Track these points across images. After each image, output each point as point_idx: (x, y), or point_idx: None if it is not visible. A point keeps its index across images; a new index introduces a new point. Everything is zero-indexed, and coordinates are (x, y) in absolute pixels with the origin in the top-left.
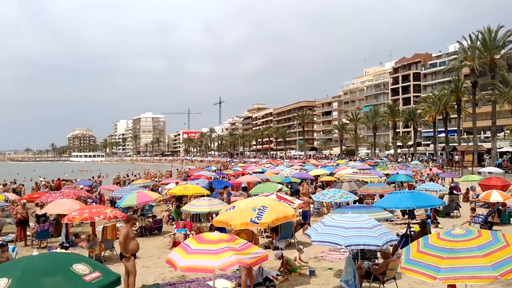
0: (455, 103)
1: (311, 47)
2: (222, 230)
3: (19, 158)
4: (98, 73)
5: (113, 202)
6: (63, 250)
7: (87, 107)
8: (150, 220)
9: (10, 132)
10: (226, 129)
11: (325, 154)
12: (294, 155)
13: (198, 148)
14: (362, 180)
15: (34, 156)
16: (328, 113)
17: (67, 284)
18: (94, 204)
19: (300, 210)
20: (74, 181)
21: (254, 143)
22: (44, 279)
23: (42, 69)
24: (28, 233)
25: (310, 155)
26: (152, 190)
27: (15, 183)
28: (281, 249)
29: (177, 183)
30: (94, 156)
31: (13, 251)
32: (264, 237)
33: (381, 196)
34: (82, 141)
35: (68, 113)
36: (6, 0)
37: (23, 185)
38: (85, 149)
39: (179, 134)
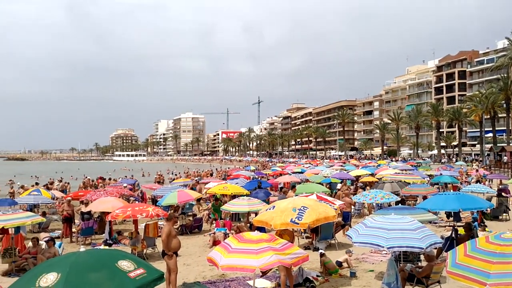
0: (503, 101)
1: (351, 46)
2: (261, 229)
3: (65, 157)
4: (140, 74)
5: (154, 201)
6: (107, 247)
7: (129, 108)
8: (191, 218)
9: (56, 132)
10: (265, 129)
11: (366, 154)
12: (334, 155)
13: (237, 148)
14: (404, 181)
15: (79, 155)
16: (369, 112)
17: (113, 280)
18: (136, 202)
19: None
20: (115, 180)
21: (293, 143)
22: (90, 275)
23: (87, 71)
24: (73, 230)
25: (350, 155)
26: (192, 189)
27: (61, 181)
28: (321, 250)
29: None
30: (136, 155)
31: (59, 247)
32: (304, 238)
33: (424, 197)
34: (124, 141)
35: (111, 114)
36: (53, 6)
37: (68, 183)
38: (127, 149)
39: (218, 134)
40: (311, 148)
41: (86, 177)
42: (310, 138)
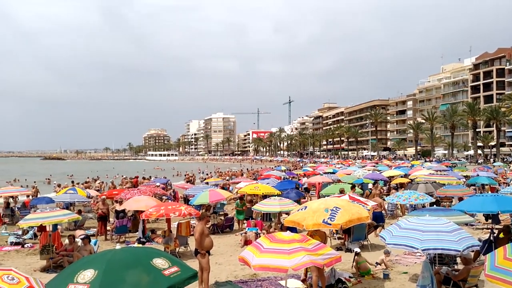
0: None
1: (384, 44)
2: (293, 230)
3: (99, 156)
4: (172, 75)
5: (186, 200)
6: (140, 245)
7: (161, 108)
8: (222, 218)
9: (91, 132)
10: (296, 128)
11: (399, 155)
12: (366, 155)
13: (267, 148)
14: (439, 182)
15: (113, 154)
16: (403, 112)
17: (148, 277)
18: (169, 201)
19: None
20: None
21: (325, 143)
22: (126, 272)
23: (121, 72)
24: (108, 228)
25: (383, 156)
26: (223, 188)
27: (95, 180)
28: (357, 249)
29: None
30: (168, 155)
31: (95, 245)
32: (336, 239)
33: (460, 199)
34: (157, 141)
35: (144, 114)
36: (88, 8)
37: (103, 182)
38: (160, 148)
39: (248, 134)
40: (343, 148)
41: (123, 177)
42: (342, 138)
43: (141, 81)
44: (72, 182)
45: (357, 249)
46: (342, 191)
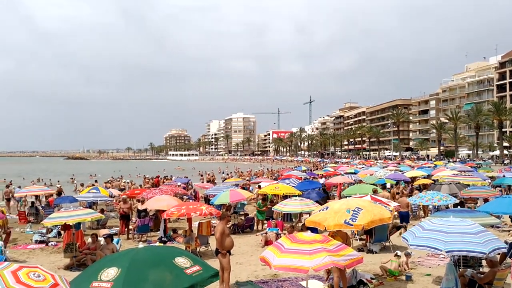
0: None
1: (406, 43)
2: (314, 230)
3: (121, 156)
4: (193, 75)
5: (206, 200)
6: (162, 244)
7: (182, 108)
8: (242, 218)
9: (113, 132)
10: (317, 128)
11: (422, 155)
12: (388, 155)
13: (288, 148)
14: (463, 183)
15: (134, 154)
16: (425, 111)
17: (170, 276)
18: (189, 201)
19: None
20: (170, 178)
21: (346, 143)
22: (149, 270)
23: (142, 73)
24: (130, 227)
25: (405, 156)
26: (243, 188)
27: (118, 180)
28: (376, 252)
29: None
30: (189, 155)
31: (117, 243)
32: (357, 240)
33: (485, 200)
34: (178, 141)
35: (165, 114)
36: (110, 10)
37: (125, 182)
38: (181, 148)
39: (269, 134)
40: (364, 149)
41: (146, 176)
42: (363, 138)
43: (162, 82)
44: (96, 181)
45: (399, 252)
46: (375, 191)
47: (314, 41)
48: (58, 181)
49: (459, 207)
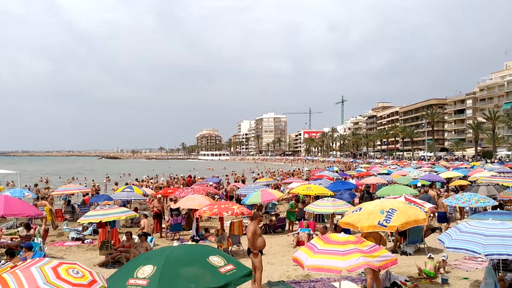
0: None
1: (441, 41)
2: (346, 231)
3: (154, 156)
4: (224, 75)
5: (238, 199)
6: (194, 243)
7: (214, 108)
8: (274, 218)
9: (146, 131)
10: (349, 128)
11: (458, 156)
12: (422, 156)
13: (319, 148)
14: (502, 184)
15: (167, 154)
16: (461, 111)
17: (204, 274)
18: (221, 200)
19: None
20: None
21: (379, 143)
22: (184, 268)
23: (175, 74)
24: (163, 225)
25: (440, 156)
26: (274, 188)
27: (151, 179)
28: (410, 254)
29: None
30: (220, 155)
31: (151, 242)
32: (391, 241)
33: None
34: (209, 141)
35: (196, 114)
36: (145, 12)
37: (157, 181)
38: (212, 148)
39: (300, 134)
40: (398, 149)
41: (177, 175)
42: (396, 138)
43: (194, 82)
44: (136, 179)
45: (432, 255)
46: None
47: (347, 39)
48: (93, 180)
49: (498, 209)
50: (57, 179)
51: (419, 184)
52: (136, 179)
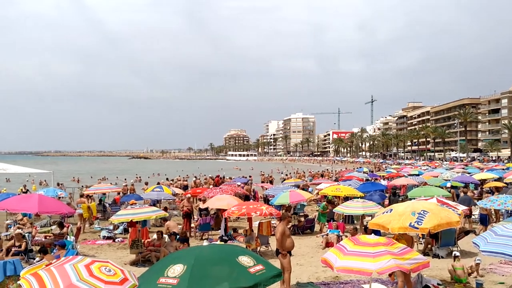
0: None
1: (474, 39)
2: (376, 233)
3: (182, 156)
4: (252, 76)
5: (266, 200)
6: (222, 243)
7: (241, 109)
8: (302, 219)
9: (175, 132)
10: (378, 129)
11: (492, 157)
12: (455, 157)
13: (348, 148)
14: None
15: (195, 154)
16: (496, 111)
17: (234, 274)
18: (249, 200)
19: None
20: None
21: (409, 143)
22: (213, 268)
23: (203, 74)
24: (192, 225)
25: (473, 157)
26: (303, 189)
27: (185, 179)
28: (442, 257)
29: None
30: (247, 155)
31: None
32: (422, 244)
33: None
34: (237, 141)
35: (224, 115)
36: (171, 13)
37: (186, 181)
38: (239, 149)
39: (328, 134)
40: (429, 150)
41: (205, 176)
42: (427, 139)
43: (222, 83)
44: (167, 179)
45: (457, 253)
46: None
47: (376, 38)
48: (125, 179)
49: None
50: (89, 179)
51: (448, 185)
52: (167, 179)
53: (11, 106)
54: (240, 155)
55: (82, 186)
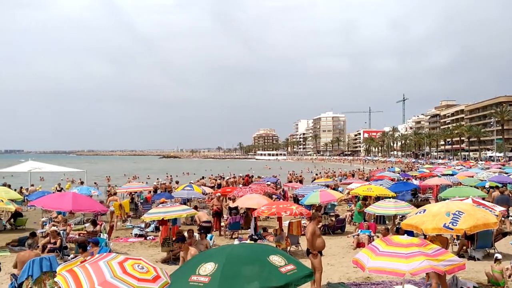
0: None
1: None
2: (409, 234)
3: (212, 155)
4: (281, 75)
5: (295, 199)
6: (252, 242)
7: (270, 108)
8: (333, 219)
9: (204, 131)
10: (410, 128)
11: None
12: (491, 156)
13: (380, 148)
14: None
15: (224, 154)
16: None
17: (265, 273)
18: (278, 200)
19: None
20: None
21: (442, 143)
22: (244, 267)
23: (231, 74)
24: (222, 223)
25: (510, 157)
26: (333, 189)
27: (217, 179)
28: (478, 260)
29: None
30: (277, 154)
31: (210, 239)
32: (456, 245)
33: None
34: (266, 140)
35: (253, 114)
36: (201, 14)
37: (215, 179)
38: (269, 148)
39: (359, 134)
40: (463, 149)
41: (233, 175)
42: (461, 138)
43: (251, 82)
44: (203, 177)
45: (499, 255)
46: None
47: (408, 36)
48: (158, 179)
49: None
50: (122, 178)
51: (487, 185)
52: (203, 177)
53: (46, 106)
54: (269, 154)
55: (115, 185)
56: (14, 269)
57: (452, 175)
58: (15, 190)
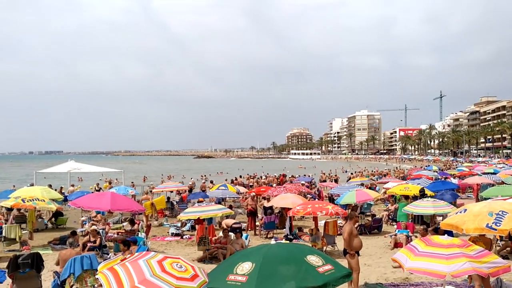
0: None
1: None
2: (449, 234)
3: (245, 155)
4: (315, 73)
5: (331, 199)
6: (287, 242)
7: (304, 107)
8: (369, 219)
9: (238, 131)
10: (448, 125)
11: None
12: None
13: (416, 146)
14: None
15: (258, 153)
16: None
17: (302, 273)
18: (313, 199)
19: None
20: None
21: (482, 140)
22: (281, 266)
23: (266, 73)
24: (257, 223)
25: None
26: (369, 188)
27: (252, 178)
28: None
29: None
30: (311, 153)
31: (246, 239)
32: (500, 246)
33: None
34: (299, 140)
35: (287, 113)
36: (234, 13)
37: (253, 178)
38: (302, 147)
39: (395, 132)
40: (505, 146)
41: (267, 174)
42: (503, 135)
43: (285, 81)
44: (241, 176)
45: None
46: None
47: (446, 31)
48: (191, 179)
49: None
50: (158, 177)
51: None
52: (240, 176)
53: (84, 108)
54: (303, 153)
55: (152, 184)
56: (56, 267)
57: (493, 173)
58: (55, 190)
